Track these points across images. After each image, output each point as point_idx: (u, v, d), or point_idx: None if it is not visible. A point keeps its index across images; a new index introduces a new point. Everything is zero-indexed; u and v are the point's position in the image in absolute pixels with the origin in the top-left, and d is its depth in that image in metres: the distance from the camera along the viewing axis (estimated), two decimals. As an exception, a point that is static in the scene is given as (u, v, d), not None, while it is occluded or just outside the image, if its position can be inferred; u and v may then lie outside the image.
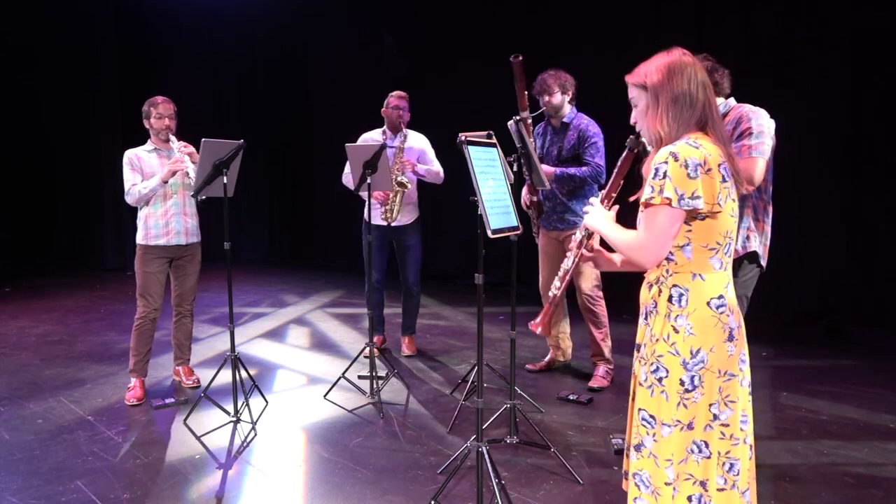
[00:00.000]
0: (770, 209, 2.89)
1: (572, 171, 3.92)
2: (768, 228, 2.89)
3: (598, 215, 1.93)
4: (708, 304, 1.74)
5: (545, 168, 3.90)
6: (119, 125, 8.08)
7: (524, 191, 4.10)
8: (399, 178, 4.31)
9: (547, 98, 3.95)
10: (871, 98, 4.98)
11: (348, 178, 4.68)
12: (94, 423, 3.56)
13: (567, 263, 2.08)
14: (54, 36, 8.26)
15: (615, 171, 2.02)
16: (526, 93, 3.69)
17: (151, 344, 3.95)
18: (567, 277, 2.10)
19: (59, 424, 3.54)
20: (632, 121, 1.88)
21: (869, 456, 3.16)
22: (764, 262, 2.89)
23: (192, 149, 3.81)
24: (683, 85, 1.74)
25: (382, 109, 4.53)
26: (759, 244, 2.86)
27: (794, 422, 3.57)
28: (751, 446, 1.85)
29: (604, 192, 2.01)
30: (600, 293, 4.08)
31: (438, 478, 2.93)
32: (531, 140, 3.86)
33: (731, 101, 2.87)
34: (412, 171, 4.42)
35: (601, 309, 4.08)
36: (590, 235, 2.03)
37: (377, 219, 4.48)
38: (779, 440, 3.33)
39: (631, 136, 1.99)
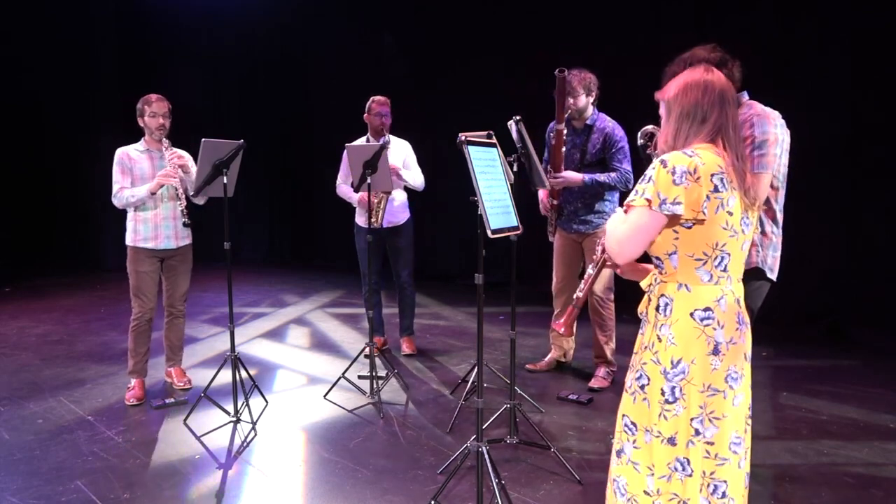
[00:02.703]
0: (780, 218, 2.75)
1: (602, 177, 3.83)
2: (777, 239, 2.75)
3: (613, 219, 1.92)
4: (692, 315, 1.72)
5: (573, 175, 3.83)
6: (119, 125, 8.07)
7: (542, 194, 4.05)
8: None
9: (571, 100, 3.82)
10: (871, 98, 4.98)
11: (342, 188, 4.68)
12: (94, 423, 3.56)
13: (591, 269, 2.11)
14: (54, 36, 8.25)
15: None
16: (566, 104, 3.61)
17: (149, 344, 3.95)
18: (591, 282, 2.12)
19: (59, 424, 3.54)
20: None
21: (869, 456, 3.16)
22: (773, 276, 2.75)
23: (185, 160, 3.75)
24: (696, 100, 1.75)
25: (365, 115, 4.50)
26: (765, 258, 2.72)
27: (794, 422, 3.57)
28: (747, 474, 1.80)
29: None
30: (611, 296, 4.07)
31: (438, 478, 2.93)
32: (563, 149, 3.80)
33: (744, 96, 2.71)
34: (396, 175, 4.38)
35: (609, 312, 4.07)
36: None
37: (366, 222, 4.49)
38: (779, 440, 3.33)
39: (644, 136, 2.02)
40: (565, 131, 3.78)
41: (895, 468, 3.04)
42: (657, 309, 1.78)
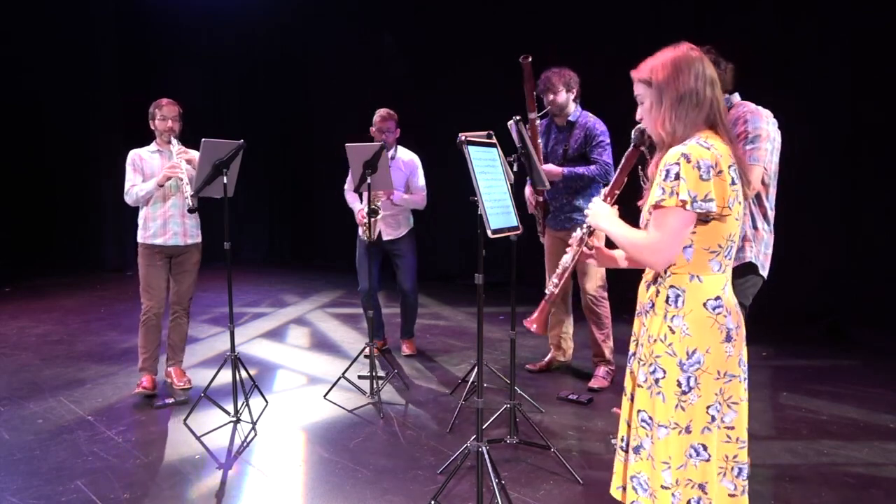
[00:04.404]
0: (771, 215, 2.78)
1: (581, 170, 3.89)
2: (768, 236, 2.78)
3: (601, 213, 1.90)
4: (704, 304, 1.72)
5: (552, 168, 3.89)
6: (119, 125, 8.08)
7: (527, 191, 4.08)
8: (373, 206, 4.20)
9: (552, 97, 3.92)
10: (871, 98, 4.98)
11: (349, 195, 4.67)
12: (94, 423, 3.56)
13: (566, 260, 2.06)
14: (54, 36, 8.26)
15: (619, 167, 2.00)
16: (535, 94, 3.68)
17: (159, 341, 3.95)
18: (565, 276, 2.06)
19: (59, 424, 3.54)
20: (637, 117, 1.83)
21: (869, 456, 3.16)
22: (764, 272, 2.78)
23: (191, 154, 3.79)
24: (689, 83, 1.69)
25: (371, 129, 4.47)
26: (757, 253, 2.75)
27: (794, 422, 3.57)
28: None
29: (607, 189, 1.99)
30: (605, 294, 4.07)
31: (438, 478, 2.93)
32: (538, 140, 3.86)
33: (735, 97, 2.77)
34: (388, 199, 4.36)
35: (605, 310, 4.08)
36: (591, 233, 2.00)
37: (364, 233, 4.48)
38: (779, 440, 3.33)
39: (636, 132, 1.96)
40: (538, 122, 3.85)
41: (895, 468, 3.04)
42: (667, 300, 1.75)
